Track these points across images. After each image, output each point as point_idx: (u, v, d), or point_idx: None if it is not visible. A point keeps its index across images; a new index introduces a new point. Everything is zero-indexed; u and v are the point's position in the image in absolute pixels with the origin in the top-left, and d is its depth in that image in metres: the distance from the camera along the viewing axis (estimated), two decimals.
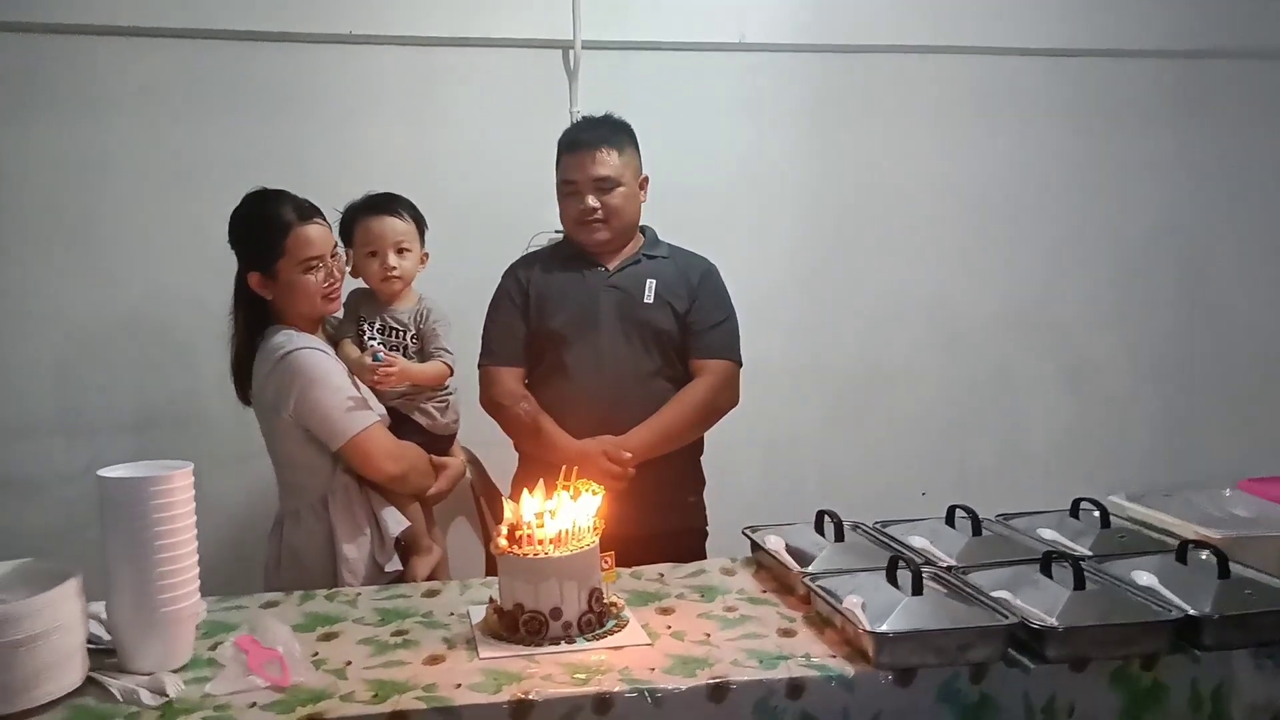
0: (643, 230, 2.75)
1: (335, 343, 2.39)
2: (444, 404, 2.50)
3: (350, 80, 3.29)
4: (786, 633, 1.85)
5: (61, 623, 1.60)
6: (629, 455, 2.48)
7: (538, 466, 2.38)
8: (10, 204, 3.11)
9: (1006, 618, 1.71)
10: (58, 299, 3.15)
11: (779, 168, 3.59)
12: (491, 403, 2.61)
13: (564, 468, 1.97)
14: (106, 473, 1.71)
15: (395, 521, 2.30)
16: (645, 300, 2.60)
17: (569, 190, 2.60)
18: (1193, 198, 3.85)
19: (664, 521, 2.55)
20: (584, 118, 2.75)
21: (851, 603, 1.77)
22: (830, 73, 3.59)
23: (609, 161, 2.57)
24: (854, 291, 3.67)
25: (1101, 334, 3.86)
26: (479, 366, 2.63)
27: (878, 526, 2.27)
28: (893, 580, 1.85)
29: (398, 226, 2.43)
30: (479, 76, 3.37)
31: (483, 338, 2.65)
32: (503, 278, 2.70)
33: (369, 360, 2.30)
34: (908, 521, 2.28)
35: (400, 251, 2.42)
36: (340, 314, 2.47)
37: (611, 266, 2.64)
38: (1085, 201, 3.79)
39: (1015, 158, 3.72)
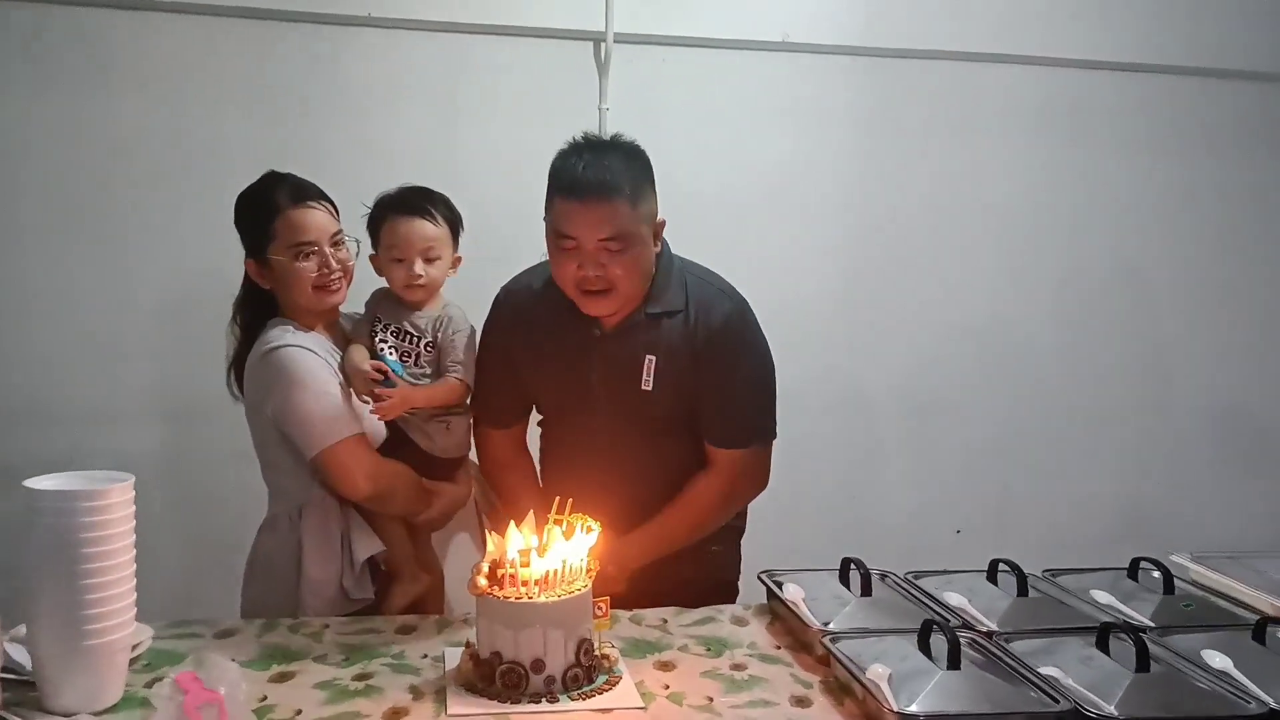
0: (658, 258, 2.10)
1: (350, 343, 2.18)
2: (444, 424, 2.22)
3: (373, 67, 3.09)
4: (800, 701, 1.62)
5: None
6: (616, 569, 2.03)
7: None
8: (22, 182, 2.93)
9: (1057, 702, 1.48)
10: (70, 284, 2.97)
11: (819, 179, 3.35)
12: (482, 468, 2.33)
13: (556, 499, 1.75)
14: (34, 483, 1.51)
15: (364, 545, 2.09)
16: (643, 386, 2.07)
17: (565, 245, 1.98)
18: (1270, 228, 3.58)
19: (679, 572, 2.12)
20: (586, 141, 2.04)
21: (876, 673, 1.54)
22: (879, 79, 3.35)
23: (621, 216, 1.94)
24: (894, 314, 3.42)
25: (1176, 371, 3.59)
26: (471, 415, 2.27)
27: (909, 578, 2.03)
28: (925, 647, 1.61)
29: (427, 231, 2.14)
30: (505, 68, 3.17)
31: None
32: (491, 309, 2.24)
33: (366, 368, 2.08)
34: (943, 574, 2.04)
35: (429, 260, 2.15)
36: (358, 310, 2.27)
37: (607, 325, 2.09)
38: (1155, 227, 3.52)
39: (1077, 176, 3.46)
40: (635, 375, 2.06)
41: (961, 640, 1.59)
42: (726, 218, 3.23)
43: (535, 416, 2.34)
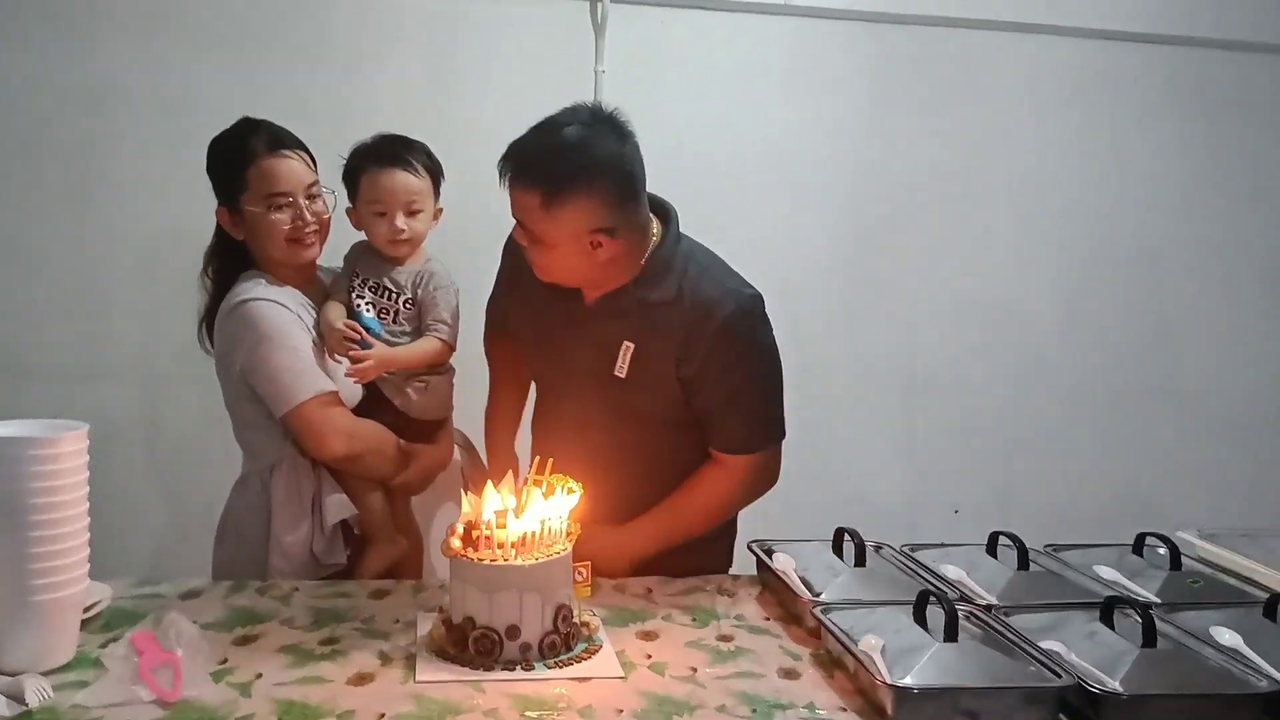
0: (666, 223, 1.96)
1: (328, 298, 2.10)
2: (423, 384, 2.14)
3: (364, 20, 3.00)
4: (789, 673, 1.54)
5: None
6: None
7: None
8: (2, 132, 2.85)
9: (1059, 677, 1.39)
10: (48, 237, 2.89)
11: (821, 148, 3.26)
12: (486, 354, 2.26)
13: (536, 459, 1.67)
14: None
15: (336, 508, 2.01)
16: (616, 372, 1.92)
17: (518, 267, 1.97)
18: None
19: (667, 563, 1.98)
20: (542, 130, 1.83)
21: (869, 644, 1.46)
22: (886, 46, 3.25)
23: (531, 208, 1.79)
24: (895, 288, 3.33)
25: (1184, 352, 3.50)
26: None
27: (906, 550, 1.95)
28: (920, 619, 1.53)
29: (410, 184, 2.04)
30: (498, 26, 3.08)
31: None
32: (506, 241, 2.08)
33: (341, 326, 1.99)
34: (941, 546, 1.96)
35: (412, 213, 2.05)
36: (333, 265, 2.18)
37: (590, 300, 1.95)
38: (1167, 203, 3.43)
39: (1088, 150, 3.37)
40: (610, 362, 1.92)
41: (959, 613, 1.51)
42: (725, 186, 3.15)
43: None
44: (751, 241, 3.18)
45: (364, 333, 1.99)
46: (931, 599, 1.53)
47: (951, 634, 1.46)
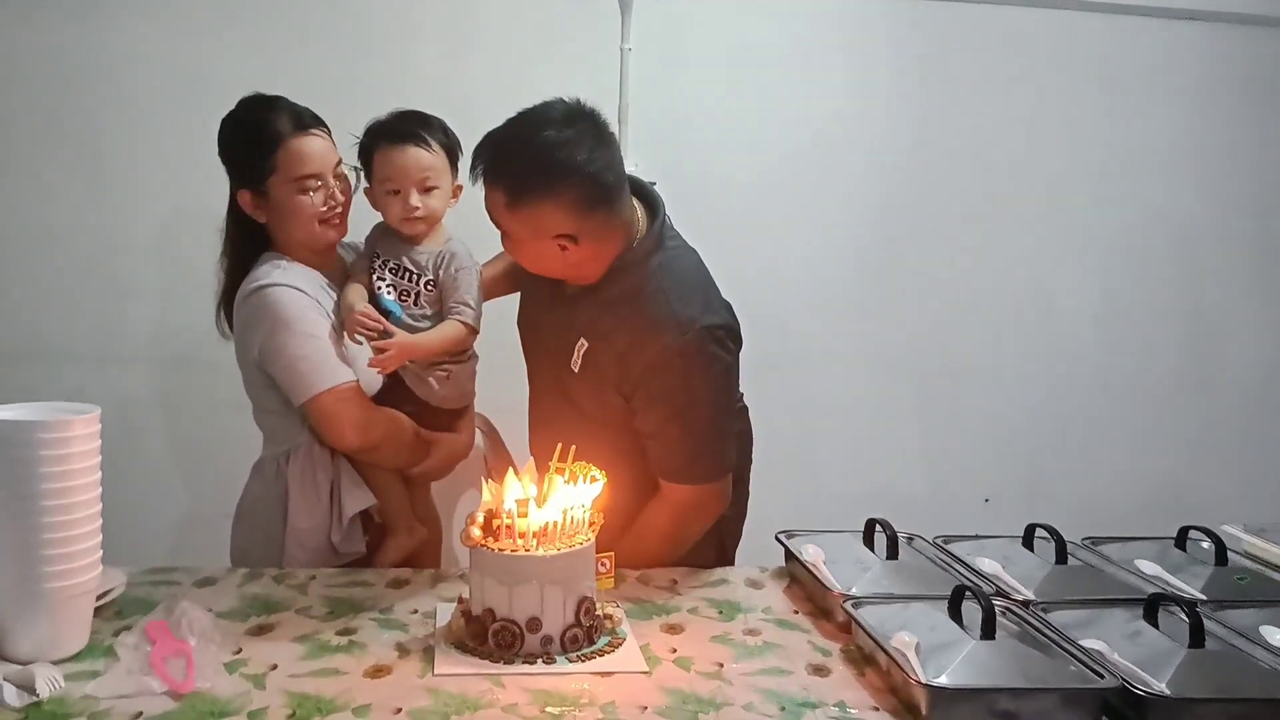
0: (651, 220, 1.91)
1: (349, 279, 2.04)
2: (446, 373, 2.07)
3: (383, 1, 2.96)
4: (818, 669, 1.49)
5: None
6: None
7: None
8: (12, 110, 2.81)
9: (1101, 678, 1.33)
10: (65, 217, 2.86)
11: (854, 129, 3.18)
12: None
13: (559, 446, 1.62)
14: None
15: (354, 498, 1.96)
16: (572, 366, 1.90)
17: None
18: None
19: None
20: (507, 133, 1.82)
21: (902, 641, 1.41)
22: (924, 24, 3.17)
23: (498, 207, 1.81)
24: (932, 272, 3.25)
25: (1220, 341, 3.40)
26: None
27: (938, 542, 1.89)
28: (955, 615, 1.48)
29: (423, 160, 1.97)
30: (524, 5, 3.02)
31: None
32: None
33: (357, 305, 1.93)
34: (975, 538, 1.91)
35: (426, 190, 1.98)
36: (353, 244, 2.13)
37: (567, 289, 1.93)
38: (1204, 189, 3.33)
39: (1125, 133, 3.28)
40: (568, 352, 1.90)
41: (996, 608, 1.45)
42: (754, 168, 3.10)
43: None
44: (779, 225, 3.15)
45: (384, 321, 1.93)
46: (967, 594, 1.48)
47: (988, 631, 1.40)
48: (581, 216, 1.76)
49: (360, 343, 1.92)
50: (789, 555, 1.86)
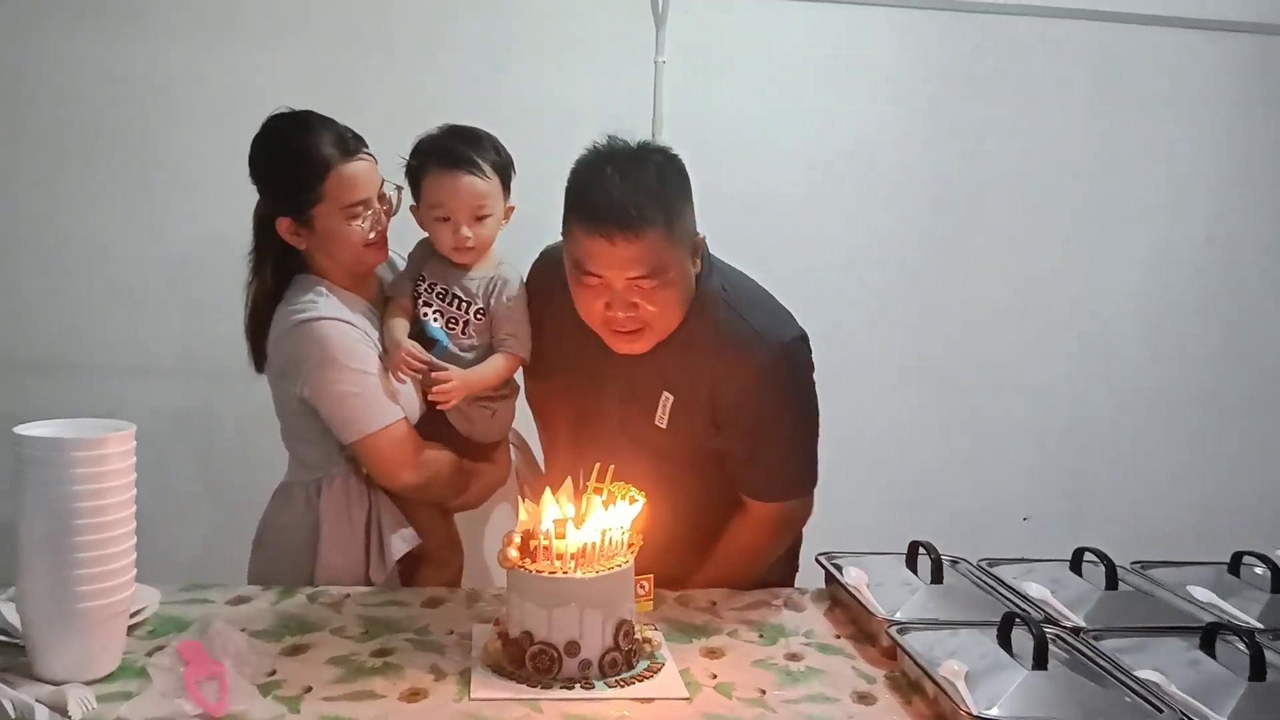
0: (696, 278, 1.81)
1: (386, 301, 1.97)
2: (490, 411, 1.99)
3: (421, 9, 2.94)
4: (863, 698, 1.45)
5: None
6: None
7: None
8: (53, 123, 2.81)
9: (1159, 711, 1.29)
10: (102, 229, 2.85)
11: (890, 141, 3.14)
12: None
13: (597, 465, 1.59)
14: (25, 430, 1.38)
15: (401, 539, 1.91)
16: (657, 423, 1.82)
17: (589, 281, 1.71)
18: None
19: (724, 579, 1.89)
20: (610, 151, 1.73)
21: (951, 670, 1.37)
22: (960, 35, 3.12)
23: (655, 250, 1.66)
24: (969, 283, 3.19)
25: (1270, 353, 3.32)
26: None
27: (983, 565, 1.85)
28: (1005, 643, 1.43)
29: (476, 187, 1.86)
30: (554, 13, 3.00)
31: None
32: (530, 272, 2.00)
33: (404, 342, 1.85)
34: (1021, 562, 1.86)
35: (479, 219, 1.88)
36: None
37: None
38: (1248, 198, 3.26)
39: (1166, 143, 3.22)
40: (650, 408, 1.83)
41: (1047, 636, 1.41)
42: (789, 181, 3.05)
43: None
44: (815, 239, 3.11)
45: (432, 359, 1.86)
46: (1018, 621, 1.43)
47: (1040, 660, 1.36)
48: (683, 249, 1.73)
49: (405, 381, 1.86)
50: (829, 577, 1.82)
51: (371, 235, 1.85)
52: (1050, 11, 3.13)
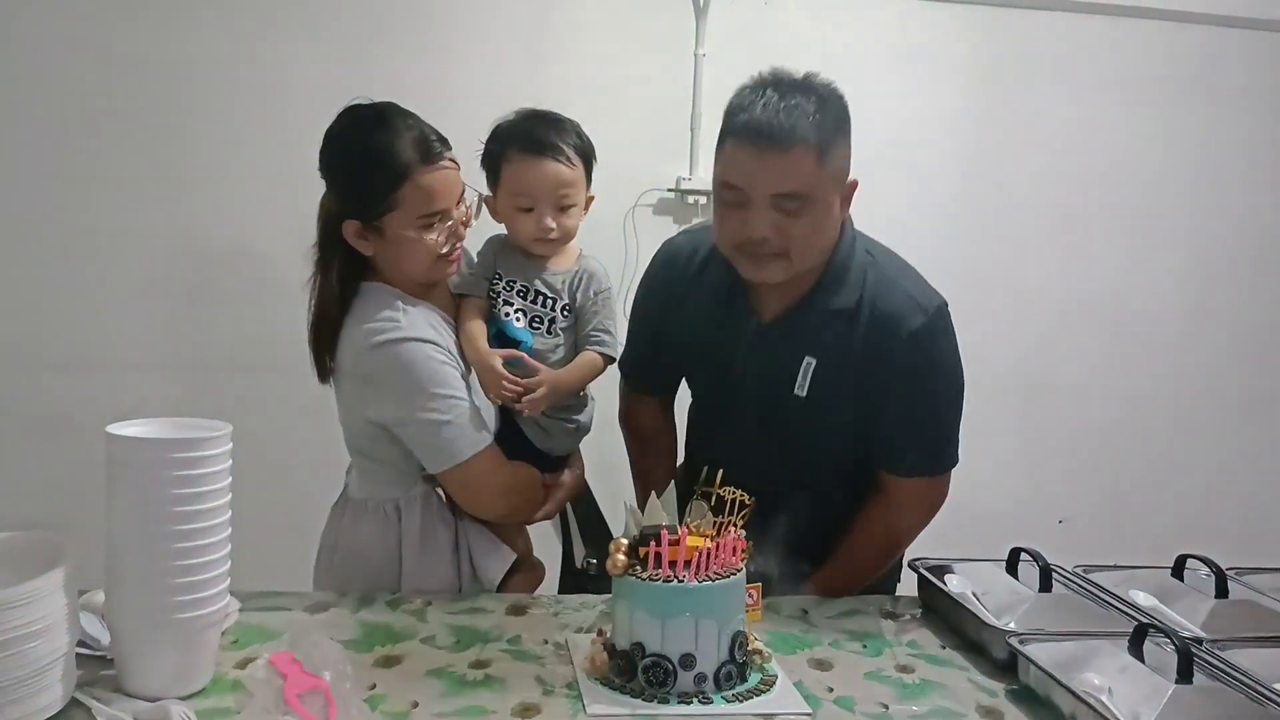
0: (841, 233, 1.77)
1: (458, 301, 1.83)
2: (574, 425, 1.89)
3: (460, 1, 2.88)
4: (989, 712, 1.40)
5: (39, 626, 1.18)
6: None
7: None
8: (91, 113, 2.72)
9: None
10: (136, 220, 2.77)
11: (931, 137, 3.11)
12: (622, 424, 2.06)
13: (705, 469, 1.53)
14: (118, 429, 1.30)
15: (499, 563, 1.82)
16: (796, 391, 1.76)
17: (733, 199, 1.65)
18: None
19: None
20: (773, 77, 1.66)
21: (1092, 684, 1.31)
22: (1003, 30, 3.09)
23: (803, 170, 1.60)
24: (1010, 283, 3.17)
25: None
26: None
27: (1080, 572, 1.79)
28: (1138, 656, 1.38)
29: (562, 175, 1.76)
30: (598, 7, 2.95)
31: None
32: (649, 267, 1.95)
33: (498, 364, 1.74)
34: (1116, 569, 1.80)
35: (563, 209, 1.78)
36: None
37: (767, 317, 1.78)
38: None
39: (1209, 140, 3.21)
40: (788, 380, 1.76)
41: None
42: None
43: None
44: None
45: (523, 384, 1.75)
46: (1153, 632, 1.38)
47: (1185, 674, 1.31)
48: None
49: (496, 403, 1.77)
50: (923, 583, 1.76)
51: (445, 249, 1.73)
52: (1092, 8, 3.11)
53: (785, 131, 1.58)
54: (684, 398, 2.05)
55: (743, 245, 1.67)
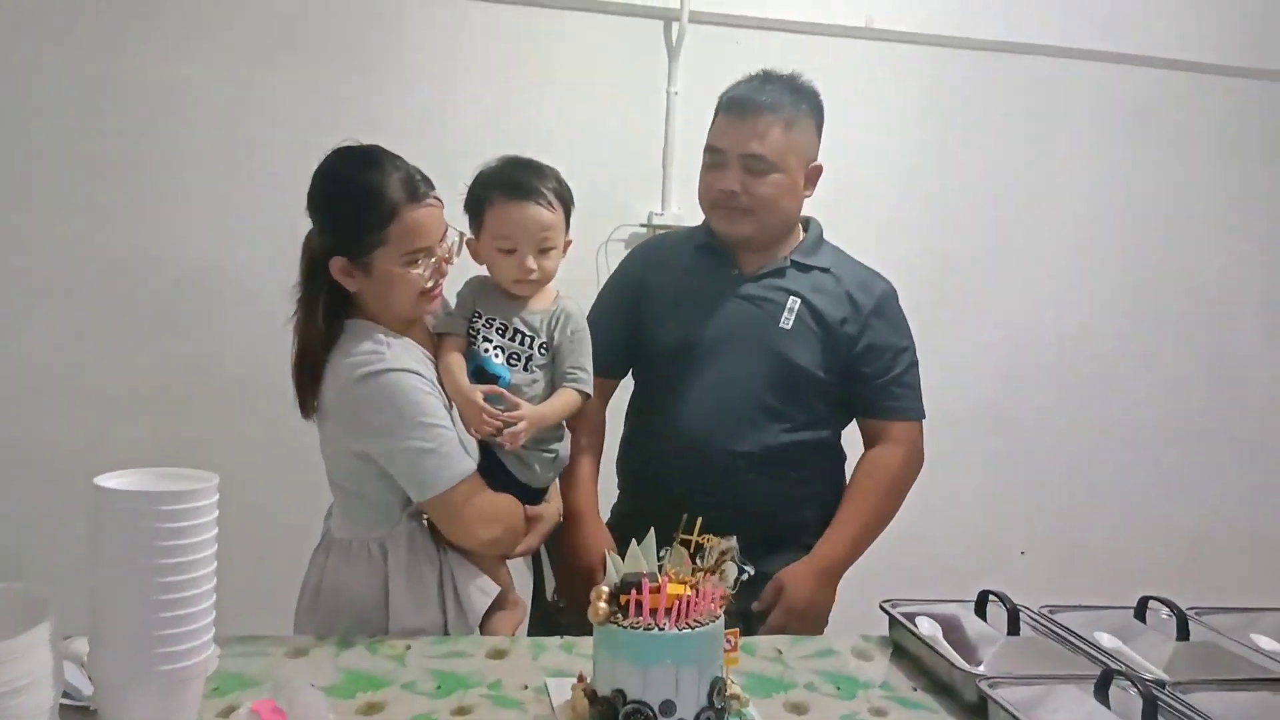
0: (806, 226, 2.18)
1: (437, 340, 1.87)
2: (552, 455, 1.94)
3: (433, 35, 2.91)
4: None
5: (25, 682, 1.18)
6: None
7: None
8: (58, 139, 2.73)
9: None
10: (91, 251, 2.77)
11: (900, 176, 3.18)
12: None
13: (684, 516, 1.55)
14: (106, 481, 1.30)
15: (483, 594, 1.83)
16: (781, 324, 2.04)
17: (712, 160, 2.05)
18: None
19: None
20: (762, 72, 2.10)
21: None
22: (968, 72, 3.19)
23: (770, 136, 1.98)
24: (974, 319, 3.25)
25: (1262, 393, 3.41)
26: None
27: (1045, 613, 1.83)
28: (1103, 700, 1.42)
29: (543, 219, 1.83)
30: (568, 43, 3.00)
31: None
32: (624, 259, 2.35)
33: (479, 398, 1.79)
34: (1081, 609, 1.85)
35: (544, 251, 1.85)
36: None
37: (748, 271, 2.10)
38: (1250, 239, 3.37)
39: (1167, 183, 3.32)
40: (773, 318, 2.05)
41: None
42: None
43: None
44: None
45: (504, 416, 1.79)
46: (1119, 678, 1.42)
47: (1150, 719, 1.35)
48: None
49: (476, 436, 1.80)
50: (894, 623, 1.80)
51: (429, 284, 1.77)
52: (1056, 51, 3.20)
53: (757, 104, 2.01)
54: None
55: (716, 199, 2.05)
